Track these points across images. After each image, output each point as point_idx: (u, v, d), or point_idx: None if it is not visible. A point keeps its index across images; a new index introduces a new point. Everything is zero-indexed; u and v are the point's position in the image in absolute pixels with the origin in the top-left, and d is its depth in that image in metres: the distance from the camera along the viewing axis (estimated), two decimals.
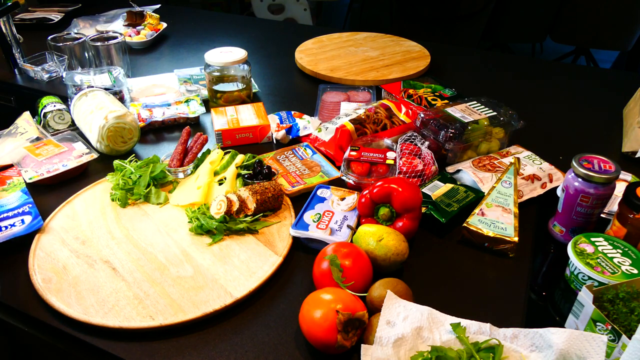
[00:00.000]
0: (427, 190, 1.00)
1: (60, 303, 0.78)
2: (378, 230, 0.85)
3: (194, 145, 1.13)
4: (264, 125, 1.23)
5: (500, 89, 1.56)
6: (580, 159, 0.88)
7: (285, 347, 0.74)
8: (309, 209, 0.96)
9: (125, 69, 1.56)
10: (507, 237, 0.89)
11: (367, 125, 1.19)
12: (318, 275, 0.79)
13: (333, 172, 1.10)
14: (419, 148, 1.08)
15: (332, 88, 1.46)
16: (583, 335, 0.65)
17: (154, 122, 1.29)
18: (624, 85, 1.52)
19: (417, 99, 1.32)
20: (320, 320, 0.69)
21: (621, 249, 0.81)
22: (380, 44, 1.78)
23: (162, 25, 1.92)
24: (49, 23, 1.98)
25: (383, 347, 0.68)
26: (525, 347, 0.69)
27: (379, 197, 0.89)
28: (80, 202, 1.02)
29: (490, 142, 1.14)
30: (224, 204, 0.94)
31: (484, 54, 1.90)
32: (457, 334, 0.70)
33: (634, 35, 3.03)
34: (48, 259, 0.87)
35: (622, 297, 0.71)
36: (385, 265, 0.82)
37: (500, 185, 0.97)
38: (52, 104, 1.26)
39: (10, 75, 1.59)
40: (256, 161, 1.08)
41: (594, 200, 0.87)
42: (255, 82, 1.55)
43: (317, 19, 3.89)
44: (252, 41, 1.92)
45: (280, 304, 0.81)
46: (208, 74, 1.36)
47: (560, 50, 3.68)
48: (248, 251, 0.89)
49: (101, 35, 1.55)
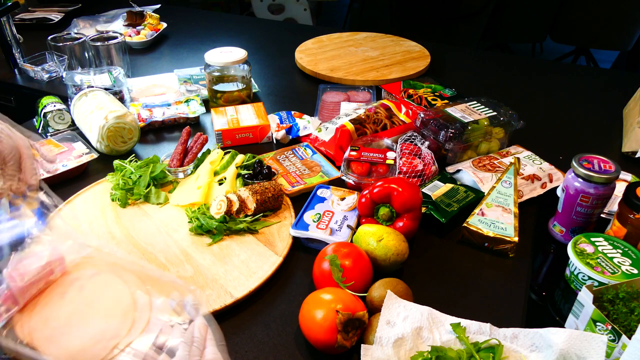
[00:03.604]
0: (427, 190, 1.00)
1: None
2: (378, 230, 0.85)
3: (194, 145, 1.13)
4: (264, 125, 1.23)
5: (500, 89, 1.56)
6: (580, 159, 0.88)
7: (285, 347, 0.74)
8: (309, 209, 0.96)
9: (125, 69, 1.56)
10: (507, 237, 0.89)
11: (367, 125, 1.19)
12: (318, 275, 0.79)
13: (333, 172, 1.10)
14: (419, 148, 1.08)
15: (332, 88, 1.46)
16: (583, 335, 0.65)
17: (154, 122, 1.29)
18: (624, 85, 1.52)
19: (417, 99, 1.32)
20: (320, 320, 0.69)
21: (621, 249, 0.81)
22: (380, 44, 1.78)
23: (162, 25, 1.92)
24: (49, 23, 1.98)
25: (383, 347, 0.68)
26: (525, 347, 0.69)
27: (379, 197, 0.89)
28: (80, 202, 1.02)
29: (490, 142, 1.14)
30: (224, 204, 0.94)
31: (484, 54, 1.90)
32: (457, 334, 0.70)
33: (634, 35, 3.03)
34: None
35: (622, 297, 0.71)
36: (385, 265, 0.82)
37: (500, 185, 0.97)
38: (52, 104, 1.26)
39: (10, 75, 1.59)
40: (256, 161, 1.08)
41: (594, 200, 0.87)
42: (255, 82, 1.55)
43: (317, 19, 3.89)
44: (252, 41, 1.92)
45: (280, 304, 0.81)
46: (208, 74, 1.36)
47: (560, 50, 3.68)
48: (248, 251, 0.89)
49: (101, 35, 1.55)
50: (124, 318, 0.59)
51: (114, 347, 0.56)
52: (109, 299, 0.61)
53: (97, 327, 0.58)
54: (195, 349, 0.56)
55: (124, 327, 0.58)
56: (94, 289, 0.62)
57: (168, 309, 0.61)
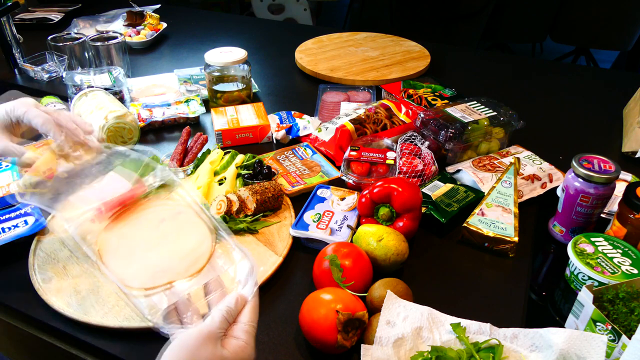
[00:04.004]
0: (427, 190, 1.00)
1: (60, 303, 0.78)
2: (378, 230, 0.85)
3: (194, 145, 1.13)
4: (264, 125, 1.23)
5: (500, 89, 1.56)
6: (580, 159, 0.88)
7: (285, 347, 0.74)
8: (309, 209, 0.96)
9: (125, 69, 1.56)
10: (507, 237, 0.89)
11: (367, 125, 1.19)
12: (318, 275, 0.79)
13: (333, 172, 1.10)
14: (419, 148, 1.08)
15: (332, 88, 1.46)
16: (583, 335, 0.65)
17: (154, 122, 1.29)
18: (624, 85, 1.52)
19: (417, 99, 1.32)
20: (320, 320, 0.69)
21: (621, 249, 0.81)
22: (380, 44, 1.78)
23: (162, 25, 1.92)
24: (49, 23, 1.98)
25: (383, 347, 0.68)
26: (525, 347, 0.69)
27: (379, 197, 0.89)
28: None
29: (490, 142, 1.14)
30: (224, 204, 0.94)
31: (484, 54, 1.90)
32: (457, 334, 0.70)
33: (634, 35, 3.03)
34: (48, 259, 0.87)
35: (622, 297, 0.71)
36: (385, 265, 0.82)
37: (500, 185, 0.97)
38: (52, 103, 1.26)
39: (10, 75, 1.59)
40: (256, 161, 1.08)
41: (594, 200, 0.87)
42: (255, 82, 1.55)
43: (317, 19, 3.89)
44: (252, 41, 1.92)
45: (280, 304, 0.81)
46: (208, 74, 1.36)
47: (560, 50, 3.68)
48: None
49: (101, 35, 1.55)
50: (193, 263, 0.62)
51: (168, 282, 0.60)
52: (189, 239, 0.65)
53: (162, 259, 0.62)
54: (224, 321, 0.57)
55: (188, 270, 0.61)
56: (178, 225, 0.67)
57: (229, 271, 0.64)
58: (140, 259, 0.63)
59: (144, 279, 0.60)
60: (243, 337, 0.57)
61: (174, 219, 0.67)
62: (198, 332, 0.55)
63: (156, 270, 0.61)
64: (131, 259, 0.63)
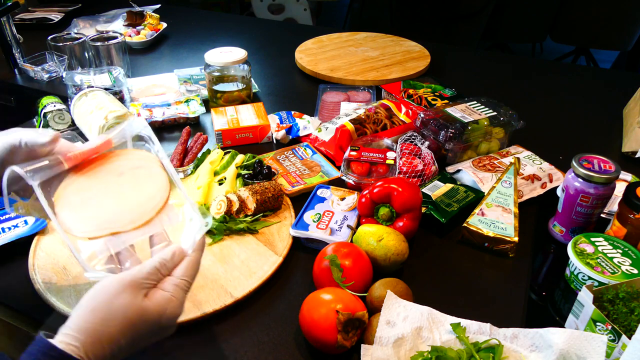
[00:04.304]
0: (427, 190, 1.00)
1: (60, 303, 0.78)
2: (378, 230, 0.85)
3: (194, 145, 1.13)
4: (264, 125, 1.23)
5: (500, 89, 1.56)
6: (580, 159, 0.88)
7: (285, 347, 0.74)
8: (309, 209, 0.96)
9: (125, 69, 1.56)
10: (507, 237, 0.89)
11: (367, 125, 1.19)
12: (318, 275, 0.79)
13: (333, 172, 1.10)
14: (419, 148, 1.08)
15: (332, 88, 1.46)
16: (583, 335, 0.65)
17: (154, 122, 1.29)
18: (624, 85, 1.52)
19: (417, 99, 1.32)
20: (320, 320, 0.69)
21: (621, 249, 0.81)
22: (380, 44, 1.78)
23: (162, 25, 1.92)
24: (49, 23, 1.98)
25: (383, 347, 0.68)
26: (525, 347, 0.69)
27: (379, 197, 0.89)
28: None
29: (490, 142, 1.14)
30: (224, 204, 0.94)
31: (484, 54, 1.90)
32: (457, 334, 0.70)
33: (634, 35, 3.03)
34: (48, 259, 0.87)
35: (622, 297, 0.71)
36: (385, 265, 0.82)
37: (500, 185, 0.97)
38: (52, 104, 1.26)
39: (10, 75, 1.59)
40: (256, 161, 1.08)
41: (594, 200, 0.88)
42: (255, 82, 1.55)
43: (317, 19, 3.89)
44: (252, 41, 1.92)
45: (280, 304, 0.81)
46: (208, 74, 1.36)
47: (560, 50, 3.68)
48: (248, 251, 0.89)
49: (101, 35, 1.55)
50: (141, 215, 0.62)
51: (111, 233, 0.60)
52: (141, 192, 0.65)
53: (110, 210, 0.62)
54: (155, 272, 0.56)
55: (135, 222, 0.61)
56: (135, 178, 0.66)
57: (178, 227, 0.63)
58: (90, 210, 0.62)
59: (89, 229, 0.60)
60: (170, 290, 0.55)
61: (132, 172, 0.66)
62: (120, 279, 0.53)
63: (102, 221, 0.61)
64: (82, 210, 0.62)
